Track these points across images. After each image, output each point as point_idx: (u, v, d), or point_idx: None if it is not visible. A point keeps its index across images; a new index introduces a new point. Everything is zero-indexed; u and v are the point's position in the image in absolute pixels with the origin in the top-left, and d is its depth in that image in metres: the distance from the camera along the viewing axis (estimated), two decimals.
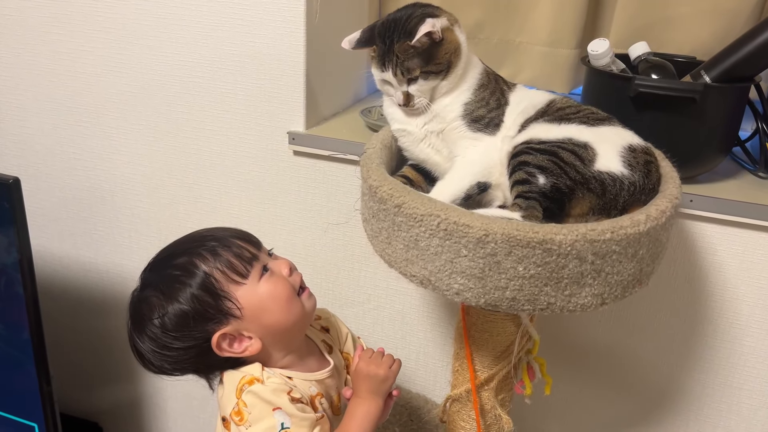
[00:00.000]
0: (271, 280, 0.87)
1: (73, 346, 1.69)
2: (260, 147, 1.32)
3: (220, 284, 0.84)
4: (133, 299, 0.89)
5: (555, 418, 1.36)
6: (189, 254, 0.86)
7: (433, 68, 0.92)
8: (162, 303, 0.84)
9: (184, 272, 0.84)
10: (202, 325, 0.84)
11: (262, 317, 0.85)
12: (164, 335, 0.84)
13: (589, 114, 0.94)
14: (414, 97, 0.94)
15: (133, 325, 0.88)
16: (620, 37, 1.27)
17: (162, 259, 0.89)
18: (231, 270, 0.84)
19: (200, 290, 0.83)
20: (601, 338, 1.27)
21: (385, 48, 0.92)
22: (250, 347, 0.85)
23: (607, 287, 0.80)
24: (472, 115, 0.94)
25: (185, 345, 0.84)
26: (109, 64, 1.35)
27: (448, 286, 0.80)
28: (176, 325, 0.83)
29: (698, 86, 1.01)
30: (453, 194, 0.92)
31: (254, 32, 1.22)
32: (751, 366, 1.19)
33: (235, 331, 0.85)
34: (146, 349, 0.86)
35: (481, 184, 0.94)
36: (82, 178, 1.49)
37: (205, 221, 1.43)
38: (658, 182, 0.89)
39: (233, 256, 0.85)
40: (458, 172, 0.95)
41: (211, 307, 0.83)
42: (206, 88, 1.30)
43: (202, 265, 0.84)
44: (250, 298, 0.85)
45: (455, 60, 0.93)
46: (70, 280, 1.62)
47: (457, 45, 0.93)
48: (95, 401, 1.75)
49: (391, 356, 0.96)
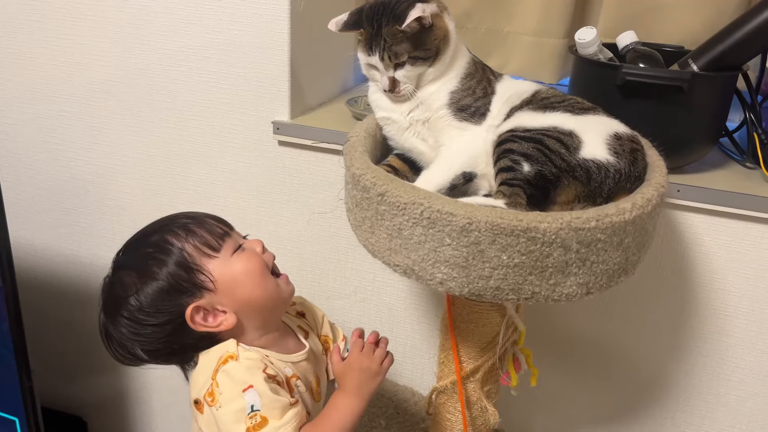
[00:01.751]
0: (243, 255, 0.88)
1: (56, 339, 1.67)
2: (245, 137, 1.30)
3: (192, 258, 0.85)
4: (106, 284, 0.89)
5: (541, 410, 1.36)
6: (161, 232, 0.87)
7: (421, 54, 0.90)
8: (136, 281, 0.84)
9: (157, 249, 0.85)
10: (176, 299, 0.84)
11: (236, 291, 0.86)
12: (140, 313, 0.84)
13: (574, 103, 0.93)
14: (400, 83, 0.92)
15: (107, 311, 0.88)
16: (608, 26, 1.27)
17: (134, 241, 0.90)
18: (203, 244, 0.86)
19: (174, 265, 0.84)
20: (588, 329, 1.26)
21: (373, 31, 0.91)
22: (224, 321, 0.85)
23: (593, 276, 0.79)
24: (458, 103, 0.93)
25: (160, 321, 0.84)
26: (91, 53, 1.33)
27: (431, 275, 0.79)
28: (152, 301, 0.84)
29: (685, 75, 1.00)
30: (438, 184, 0.91)
31: (238, 20, 1.20)
32: (739, 357, 1.19)
33: (209, 305, 0.85)
34: (121, 332, 0.86)
35: (466, 174, 0.93)
36: (64, 169, 1.47)
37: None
38: (644, 170, 0.88)
39: (206, 231, 0.87)
40: (444, 162, 0.93)
41: (185, 281, 0.84)
42: (189, 77, 1.28)
43: (175, 240, 0.85)
44: (222, 271, 0.85)
45: (443, 47, 0.92)
46: (53, 273, 1.60)
47: (446, 32, 0.92)
48: (78, 395, 1.73)
49: (385, 349, 0.95)
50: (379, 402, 1.30)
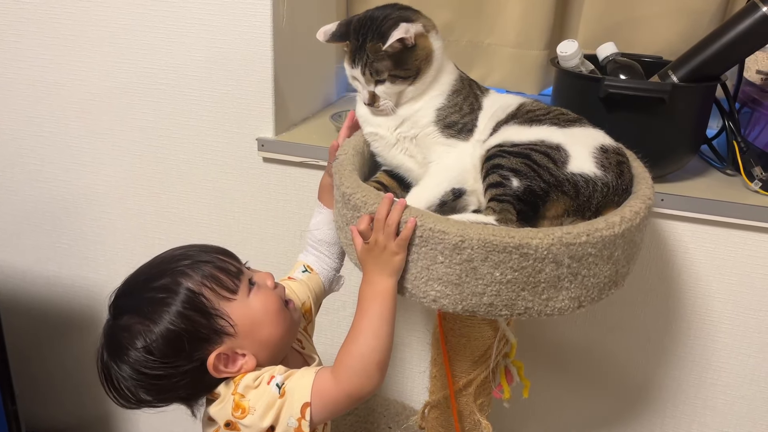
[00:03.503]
0: (260, 293, 0.83)
1: (40, 361, 1.64)
2: (229, 154, 1.29)
3: (210, 302, 0.79)
4: (109, 327, 0.82)
5: (534, 421, 1.36)
6: (170, 274, 0.80)
7: (401, 73, 0.91)
8: (146, 329, 0.78)
9: (169, 293, 0.79)
10: (195, 346, 0.78)
11: (256, 333, 0.82)
12: (149, 362, 0.78)
13: (559, 115, 0.94)
14: (379, 98, 0.93)
15: (109, 354, 0.80)
16: (588, 37, 1.28)
17: (138, 282, 0.82)
18: (220, 286, 0.80)
19: (190, 310, 0.78)
20: (577, 339, 1.27)
21: (358, 45, 0.91)
22: (245, 365, 0.81)
23: (584, 290, 0.79)
24: (445, 120, 0.93)
25: (179, 370, 0.78)
26: (70, 71, 1.31)
27: (424, 293, 0.79)
28: (166, 351, 0.78)
29: (666, 86, 1.01)
30: (428, 200, 0.91)
31: (220, 37, 1.20)
32: (725, 361, 1.21)
33: (230, 350, 0.80)
34: (125, 377, 0.79)
35: (456, 191, 0.93)
36: (43, 189, 1.45)
37: (174, 231, 1.40)
38: (630, 183, 0.89)
39: (217, 270, 0.81)
40: (433, 179, 0.93)
41: (204, 327, 0.78)
42: (171, 95, 1.27)
43: (188, 282, 0.79)
44: (242, 313, 0.81)
45: (425, 67, 0.92)
46: (35, 295, 1.57)
47: (429, 52, 0.92)
48: (64, 417, 1.70)
49: (399, 213, 0.77)
50: (371, 417, 1.30)
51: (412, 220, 0.76)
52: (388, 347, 0.79)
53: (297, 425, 0.76)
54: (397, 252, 0.78)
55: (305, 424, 0.76)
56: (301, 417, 0.76)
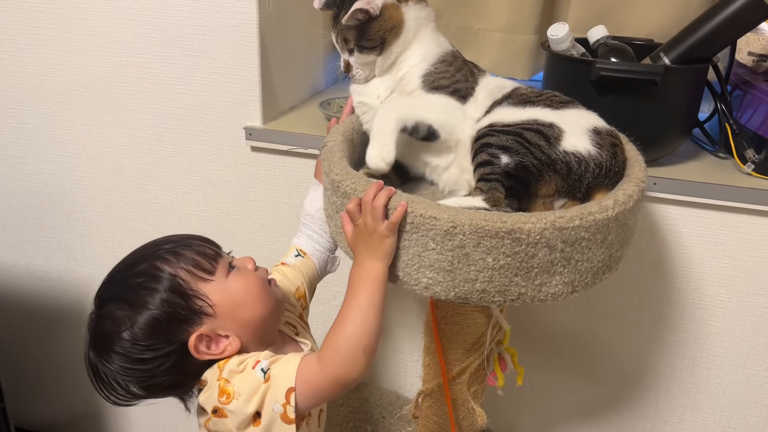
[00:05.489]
0: (239, 275, 0.84)
1: (27, 357, 1.62)
2: (216, 144, 1.27)
3: (187, 283, 0.80)
4: (93, 320, 0.82)
5: (528, 408, 1.36)
6: (149, 259, 0.81)
7: (365, 43, 0.91)
8: (129, 314, 0.78)
9: (148, 277, 0.79)
10: (174, 328, 0.79)
11: (237, 313, 0.82)
12: (135, 348, 0.78)
13: (552, 97, 0.92)
14: (353, 67, 0.94)
15: (96, 347, 0.81)
16: (578, 21, 1.27)
17: (118, 271, 0.83)
18: (197, 267, 0.81)
19: (169, 293, 0.78)
20: (570, 325, 1.26)
21: (337, 13, 0.92)
22: (228, 347, 0.81)
23: (578, 275, 0.78)
24: (432, 84, 0.91)
25: (159, 353, 0.79)
26: (52, 61, 1.29)
27: (416, 280, 0.78)
28: (149, 334, 0.78)
29: (658, 68, 1.00)
30: (398, 117, 0.86)
31: (205, 24, 1.17)
32: (718, 345, 1.20)
33: (211, 331, 0.80)
34: (114, 370, 0.80)
35: (431, 129, 0.88)
36: (27, 182, 1.42)
37: (161, 223, 1.38)
38: (623, 165, 0.88)
39: (196, 253, 0.82)
40: (415, 100, 0.90)
41: (183, 308, 0.79)
42: (156, 84, 1.25)
43: (166, 267, 0.80)
44: (220, 294, 0.81)
45: (391, 38, 0.91)
46: (21, 290, 1.55)
47: (397, 23, 0.91)
48: (53, 413, 1.68)
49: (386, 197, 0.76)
50: (365, 407, 1.29)
51: (402, 204, 0.75)
52: (376, 332, 0.78)
53: (282, 411, 0.75)
54: (387, 235, 0.76)
55: (290, 410, 0.75)
56: (286, 402, 0.75)
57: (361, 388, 1.33)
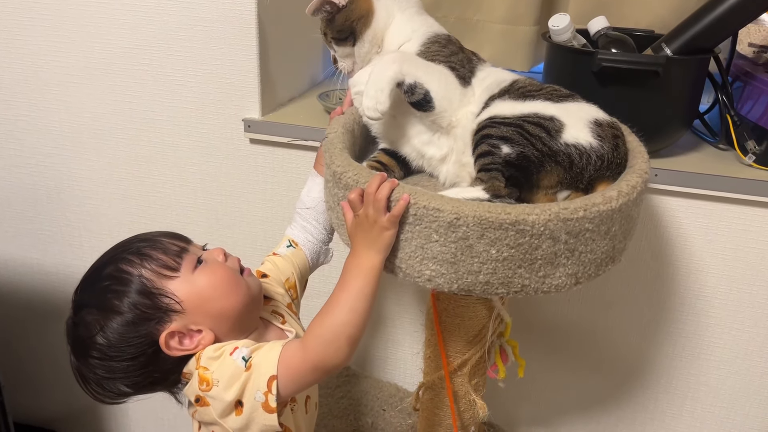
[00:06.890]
0: (206, 268, 0.83)
1: (25, 351, 1.61)
2: (214, 136, 1.26)
3: (152, 282, 0.80)
4: (69, 326, 0.83)
5: (529, 400, 1.36)
6: (114, 262, 0.82)
7: (336, 35, 0.91)
8: (98, 318, 0.80)
9: (114, 281, 0.81)
10: (144, 328, 0.79)
11: (207, 307, 0.81)
12: (110, 350, 0.80)
13: (552, 91, 0.92)
14: (338, 60, 0.94)
15: (76, 353, 0.83)
16: (578, 12, 1.26)
17: (88, 276, 0.85)
18: (161, 266, 0.81)
19: (134, 294, 0.79)
20: (571, 317, 1.26)
21: None
22: (202, 340, 0.81)
23: (581, 266, 0.78)
24: (428, 58, 0.91)
25: (133, 354, 0.80)
26: (47, 53, 1.27)
27: (419, 272, 0.78)
28: (120, 336, 0.79)
29: (660, 59, 1.00)
30: (402, 70, 0.83)
31: (203, 15, 1.16)
32: (718, 337, 1.20)
33: (183, 328, 0.81)
34: (96, 373, 0.81)
35: (428, 97, 0.85)
36: (24, 175, 1.41)
37: (159, 216, 1.37)
38: (625, 157, 0.88)
39: (160, 252, 0.82)
40: (419, 61, 0.87)
41: (149, 308, 0.79)
42: (154, 75, 1.24)
43: (130, 268, 0.81)
44: (187, 289, 0.81)
45: (360, 27, 0.90)
46: (18, 284, 1.54)
47: (366, 12, 0.90)
48: (51, 407, 1.67)
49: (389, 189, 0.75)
50: (365, 399, 1.29)
51: (405, 197, 0.74)
52: (363, 324, 0.77)
53: (264, 399, 0.75)
54: (388, 228, 0.76)
55: (272, 399, 0.75)
56: (268, 391, 0.75)
57: (361, 380, 1.33)
